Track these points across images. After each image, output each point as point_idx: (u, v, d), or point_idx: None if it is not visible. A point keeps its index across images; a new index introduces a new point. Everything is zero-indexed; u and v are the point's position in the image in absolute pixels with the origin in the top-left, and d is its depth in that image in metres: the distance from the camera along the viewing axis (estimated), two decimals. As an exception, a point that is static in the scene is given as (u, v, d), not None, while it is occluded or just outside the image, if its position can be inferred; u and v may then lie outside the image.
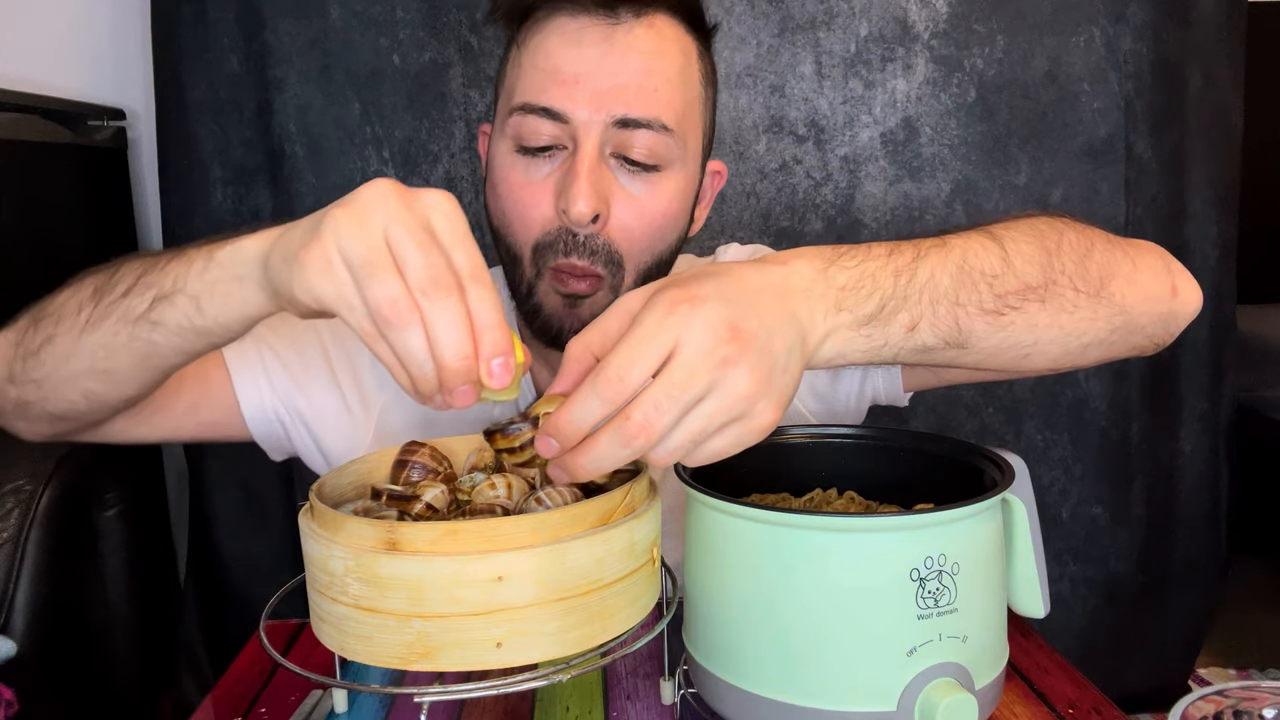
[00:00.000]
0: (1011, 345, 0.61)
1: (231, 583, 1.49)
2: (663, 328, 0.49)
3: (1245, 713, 0.58)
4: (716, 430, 0.50)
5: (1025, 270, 0.60)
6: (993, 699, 0.56)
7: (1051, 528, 1.55)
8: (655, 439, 0.49)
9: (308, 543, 0.54)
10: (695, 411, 0.49)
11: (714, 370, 0.49)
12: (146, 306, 0.61)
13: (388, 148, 1.44)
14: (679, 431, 0.49)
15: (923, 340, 0.57)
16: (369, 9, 1.40)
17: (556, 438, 0.50)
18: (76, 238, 1.38)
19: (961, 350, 0.59)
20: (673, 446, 0.50)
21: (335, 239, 0.50)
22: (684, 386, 0.49)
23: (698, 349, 0.49)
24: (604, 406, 0.49)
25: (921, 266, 0.57)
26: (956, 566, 0.52)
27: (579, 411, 0.49)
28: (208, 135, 1.44)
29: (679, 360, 0.49)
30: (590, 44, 0.75)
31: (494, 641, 0.50)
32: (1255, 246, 1.79)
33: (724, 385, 0.49)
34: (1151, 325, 0.69)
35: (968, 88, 1.44)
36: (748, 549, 0.55)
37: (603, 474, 0.51)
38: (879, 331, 0.56)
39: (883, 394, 0.88)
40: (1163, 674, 1.63)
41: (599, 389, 0.49)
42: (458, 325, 0.48)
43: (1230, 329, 1.58)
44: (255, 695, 0.70)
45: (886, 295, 0.56)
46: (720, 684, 0.56)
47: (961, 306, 0.58)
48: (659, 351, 0.49)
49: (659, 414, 0.48)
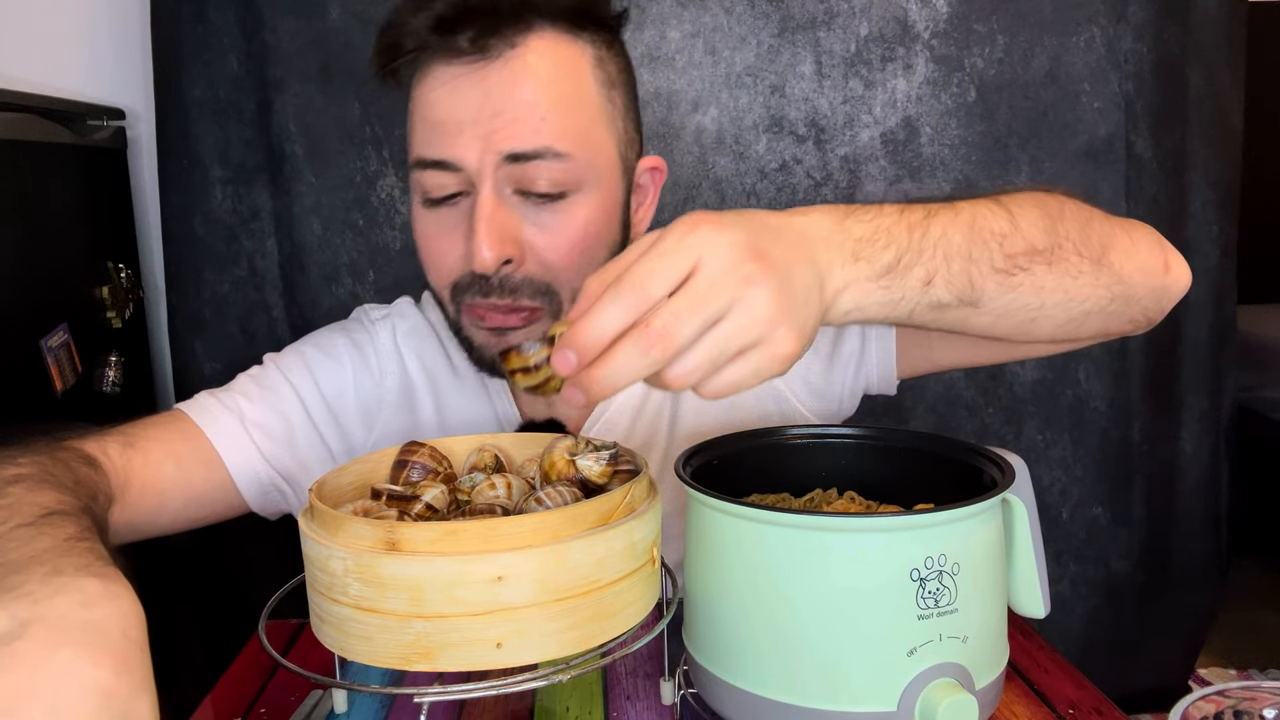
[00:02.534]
0: (1020, 307, 0.62)
1: (231, 583, 1.49)
2: (685, 243, 0.49)
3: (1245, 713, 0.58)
4: (736, 355, 0.49)
5: (1032, 233, 0.61)
6: (993, 699, 0.56)
7: (1052, 528, 1.55)
8: (674, 349, 0.48)
9: (307, 543, 0.54)
10: (715, 331, 0.48)
11: (736, 287, 0.48)
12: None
13: (387, 147, 1.44)
14: (698, 350, 0.48)
15: (938, 296, 0.57)
16: (369, 9, 1.40)
17: (575, 349, 0.49)
18: (76, 237, 1.38)
19: (973, 309, 0.60)
20: (690, 366, 0.49)
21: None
22: (705, 299, 0.48)
23: (720, 264, 0.48)
24: (624, 315, 0.48)
25: (934, 224, 0.58)
26: (957, 567, 0.52)
27: (599, 321, 0.48)
28: (207, 135, 1.44)
29: (702, 274, 0.48)
30: (468, 89, 0.73)
31: (494, 642, 0.50)
32: (1255, 246, 1.79)
33: (745, 304, 0.49)
34: (1147, 298, 0.70)
35: (968, 87, 1.44)
36: (748, 549, 0.54)
37: (623, 387, 0.49)
38: (896, 284, 0.56)
39: (876, 381, 0.88)
40: (1163, 674, 1.63)
41: (620, 297, 0.48)
42: None
43: (1230, 329, 1.58)
44: (255, 695, 0.70)
45: (902, 248, 0.56)
46: (720, 684, 0.56)
47: (974, 263, 0.58)
48: (682, 265, 0.49)
49: (679, 323, 0.48)
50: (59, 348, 1.28)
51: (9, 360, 1.18)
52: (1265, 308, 2.43)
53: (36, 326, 1.24)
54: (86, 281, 1.39)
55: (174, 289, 1.50)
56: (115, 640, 0.41)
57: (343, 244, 1.46)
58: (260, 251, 1.48)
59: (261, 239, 1.48)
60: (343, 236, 1.46)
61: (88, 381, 1.36)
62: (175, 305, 1.50)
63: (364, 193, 1.45)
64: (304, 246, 1.45)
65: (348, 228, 1.46)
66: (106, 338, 1.42)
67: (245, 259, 1.48)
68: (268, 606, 0.62)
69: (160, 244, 1.52)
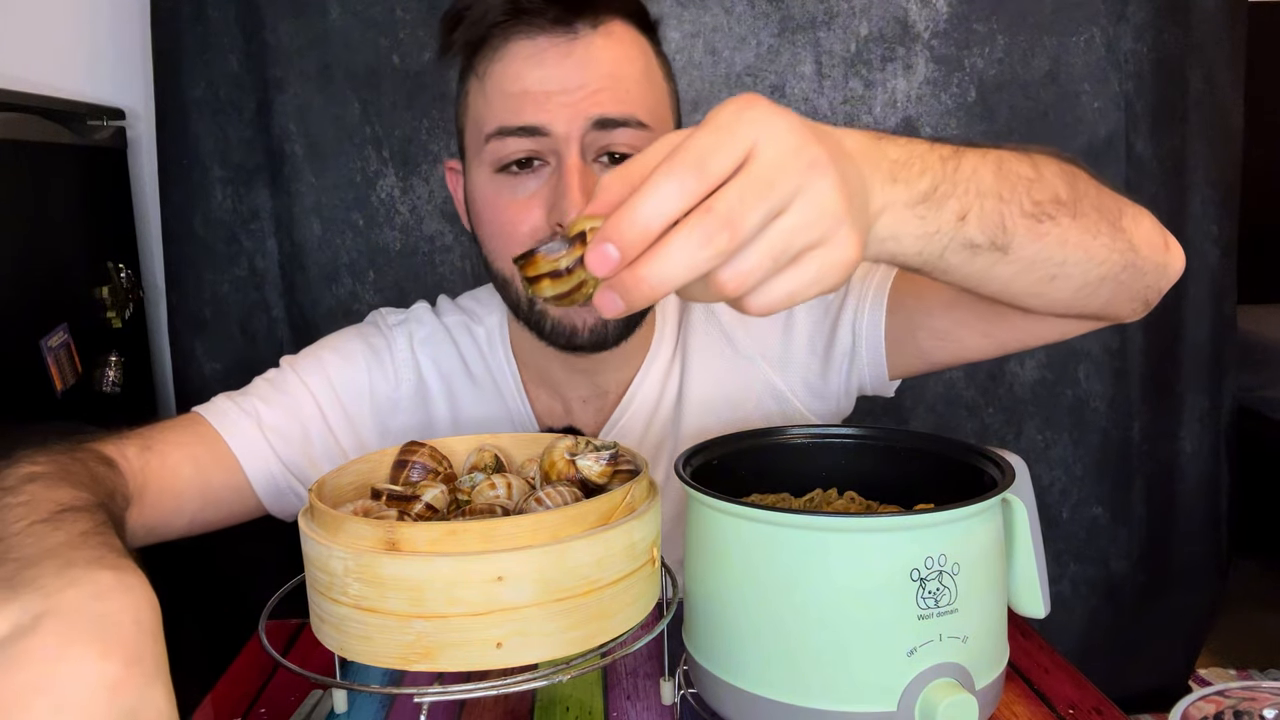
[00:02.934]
0: (1044, 259, 0.60)
1: (231, 583, 1.49)
2: (742, 121, 0.42)
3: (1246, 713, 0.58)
4: (796, 256, 0.43)
5: (1055, 183, 0.60)
6: (993, 699, 0.56)
7: (1052, 528, 1.55)
8: (739, 240, 0.41)
9: (307, 543, 0.54)
10: (778, 224, 0.42)
11: (801, 172, 0.42)
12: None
13: (387, 147, 1.44)
14: (759, 246, 0.42)
15: (971, 235, 0.54)
16: (369, 9, 1.40)
17: (618, 242, 0.41)
18: (76, 237, 1.38)
19: (1002, 256, 0.57)
20: (750, 265, 0.42)
21: None
22: (771, 183, 0.42)
23: (784, 146, 0.42)
24: (681, 198, 0.41)
25: (965, 159, 0.54)
26: (957, 567, 0.52)
27: (649, 204, 0.41)
28: (207, 135, 1.44)
29: (765, 156, 0.42)
30: (553, 62, 0.75)
31: (494, 642, 0.50)
32: (1255, 246, 1.79)
33: (811, 193, 0.43)
34: (1151, 273, 0.69)
35: (968, 87, 1.44)
36: (748, 549, 0.54)
37: (671, 289, 0.42)
38: (932, 215, 0.52)
39: (869, 381, 0.88)
40: (1163, 674, 1.63)
41: (675, 176, 0.41)
42: None
43: (1231, 329, 1.58)
44: (255, 695, 0.70)
45: (938, 177, 0.52)
46: (720, 684, 0.56)
47: (1006, 204, 0.56)
48: (741, 145, 0.42)
49: (745, 208, 0.41)
50: (59, 348, 1.28)
51: (9, 360, 1.18)
52: (1265, 308, 2.43)
53: (36, 326, 1.24)
54: (86, 281, 1.39)
55: (174, 289, 1.50)
56: (127, 631, 0.41)
57: (342, 244, 1.46)
58: (260, 251, 1.48)
59: (261, 239, 1.48)
60: (342, 236, 1.46)
61: (88, 381, 1.36)
62: (175, 305, 1.50)
63: (364, 192, 1.45)
64: (304, 246, 1.46)
65: (347, 227, 1.46)
66: (106, 338, 1.42)
67: (245, 259, 1.48)
68: (268, 606, 0.62)
69: (160, 244, 1.52)
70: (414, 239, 1.47)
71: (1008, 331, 0.79)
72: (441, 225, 1.47)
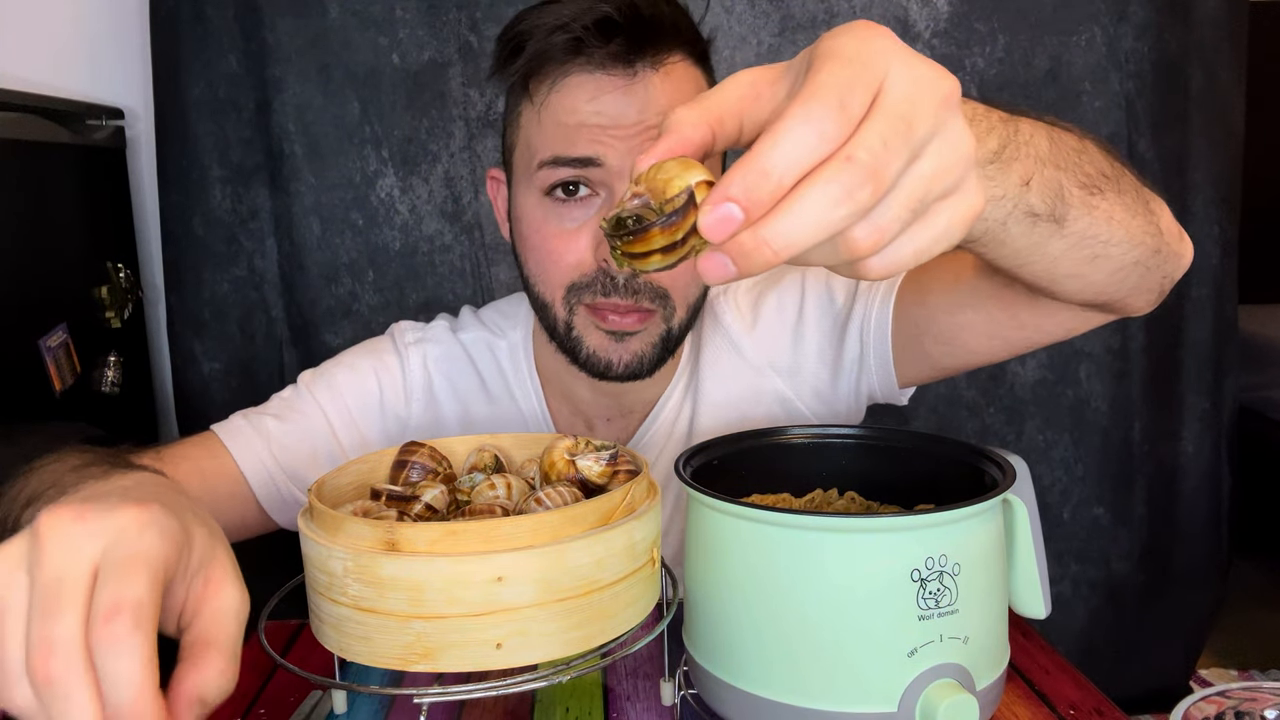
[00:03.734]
0: (1093, 236, 0.58)
1: (231, 583, 1.49)
2: (873, 51, 0.37)
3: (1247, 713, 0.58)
4: (934, 204, 0.38)
5: (1099, 157, 0.59)
6: (994, 700, 0.56)
7: (1053, 528, 1.55)
8: (883, 191, 0.36)
9: (307, 543, 0.54)
10: (915, 169, 0.37)
11: (937, 109, 0.37)
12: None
13: (387, 147, 1.43)
14: (898, 195, 0.37)
15: (1032, 202, 0.51)
16: (368, 8, 1.40)
17: (745, 202, 0.35)
18: (76, 237, 1.38)
19: (1057, 228, 0.55)
20: (888, 219, 0.37)
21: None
22: (911, 122, 0.36)
23: (918, 78, 0.37)
24: (822, 143, 0.35)
25: (1022, 124, 0.51)
26: (957, 567, 0.52)
27: (788, 152, 0.35)
28: (206, 134, 1.44)
29: (898, 91, 0.36)
30: (612, 99, 0.75)
31: (494, 642, 0.50)
32: (1257, 246, 1.79)
33: (947, 133, 0.37)
34: (1170, 261, 0.68)
35: (969, 87, 1.44)
36: (748, 549, 0.54)
37: (800, 250, 0.36)
38: (1000, 177, 0.49)
39: (878, 389, 0.88)
40: (1164, 675, 1.63)
41: (815, 115, 0.35)
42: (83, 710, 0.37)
43: (1232, 329, 1.57)
44: (254, 696, 0.70)
45: (1004, 138, 0.48)
46: (721, 685, 0.56)
47: (1063, 171, 0.54)
48: (875, 79, 0.36)
49: (889, 154, 0.35)
50: (58, 348, 1.28)
51: (8, 360, 1.17)
52: (1266, 308, 2.43)
53: (36, 326, 1.24)
54: (86, 281, 1.39)
55: (173, 289, 1.50)
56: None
57: (342, 244, 1.46)
58: (259, 251, 1.48)
59: (261, 239, 1.48)
60: (342, 236, 1.46)
61: (87, 381, 1.36)
62: (174, 305, 1.50)
63: (363, 192, 1.45)
64: (303, 246, 1.45)
65: (347, 227, 1.46)
66: (106, 338, 1.42)
67: (244, 259, 1.48)
68: (267, 607, 0.62)
69: (159, 244, 1.52)
70: (413, 239, 1.47)
71: (1014, 331, 0.78)
72: (441, 225, 1.47)
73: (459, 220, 1.47)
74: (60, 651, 0.37)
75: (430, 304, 1.47)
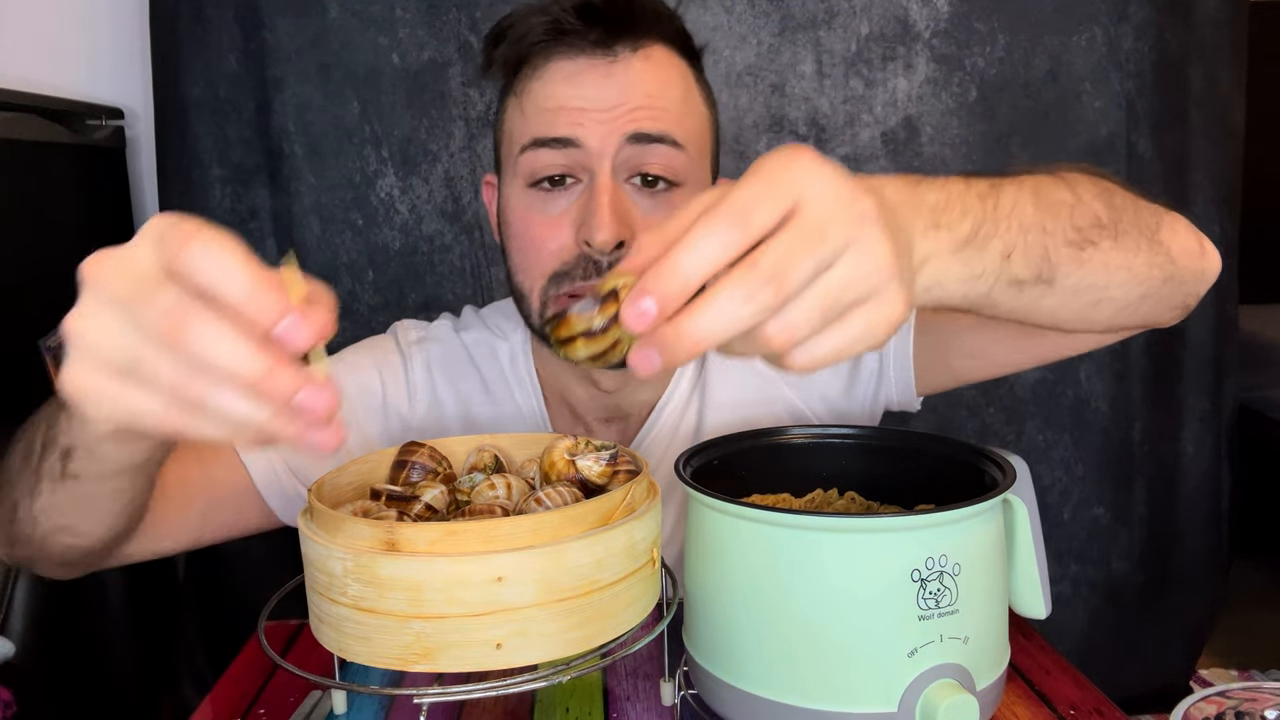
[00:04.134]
0: (1089, 286, 0.59)
1: (231, 583, 1.49)
2: (788, 173, 0.41)
3: (1247, 714, 0.58)
4: (846, 311, 0.42)
5: (1094, 205, 0.59)
6: (994, 700, 0.56)
7: (1053, 528, 1.55)
8: (785, 295, 0.40)
9: (307, 543, 0.54)
10: (828, 277, 0.41)
11: (852, 224, 0.41)
12: (62, 466, 0.59)
13: (386, 147, 1.43)
14: (808, 299, 0.40)
15: (1016, 271, 0.53)
16: (368, 8, 1.40)
17: (657, 296, 0.39)
18: (75, 237, 1.38)
19: (1048, 288, 0.56)
20: (799, 319, 0.41)
21: (87, 352, 0.42)
22: (820, 235, 0.40)
23: (834, 197, 0.41)
24: (724, 249, 0.40)
25: (1003, 194, 0.54)
26: (957, 567, 0.52)
27: (691, 256, 0.39)
28: (206, 134, 1.44)
29: (813, 207, 0.40)
30: (592, 81, 0.76)
31: (494, 642, 0.50)
32: (1257, 246, 1.78)
33: (862, 246, 0.41)
34: (1190, 281, 0.68)
35: (969, 87, 1.44)
36: (748, 549, 0.54)
37: (714, 344, 0.40)
38: (976, 258, 0.51)
39: (895, 399, 0.88)
40: (1164, 675, 1.63)
41: (718, 228, 0.40)
42: (225, 341, 0.38)
43: (1232, 329, 1.57)
44: (254, 696, 0.70)
45: (979, 218, 0.51)
46: (720, 685, 0.56)
47: (1049, 235, 0.55)
48: (786, 197, 0.40)
49: (792, 262, 0.40)
50: (59, 348, 1.27)
51: (9, 360, 1.17)
52: (1266, 308, 2.43)
53: (36, 326, 1.23)
54: (86, 281, 1.38)
55: (173, 289, 1.50)
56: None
57: (342, 243, 1.46)
58: (259, 251, 1.45)
59: (261, 238, 1.47)
60: (342, 236, 1.46)
61: (87, 381, 1.36)
62: (175, 305, 1.50)
63: (363, 192, 1.45)
64: (303, 246, 1.45)
65: (347, 227, 1.45)
66: (106, 337, 1.41)
67: (245, 259, 1.48)
68: (267, 607, 0.62)
69: (160, 244, 1.52)
70: (413, 239, 1.47)
71: (1044, 346, 0.78)
72: (441, 225, 1.47)
73: (459, 220, 1.46)
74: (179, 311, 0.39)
75: (430, 304, 1.47)
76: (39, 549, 0.68)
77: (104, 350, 0.41)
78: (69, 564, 0.71)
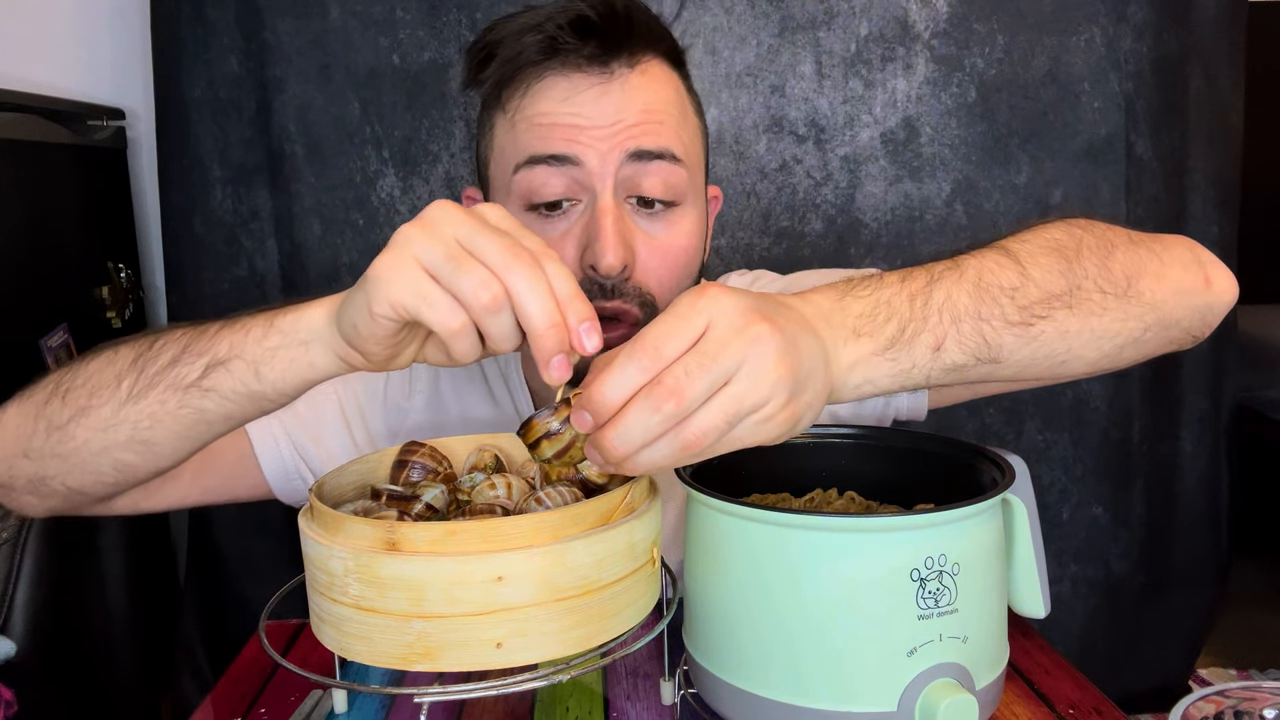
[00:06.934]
0: (1046, 355, 0.60)
1: (231, 583, 1.49)
2: (697, 307, 0.50)
3: (1246, 713, 0.58)
4: (749, 414, 0.50)
5: (1045, 279, 0.60)
6: (993, 699, 0.56)
7: (1052, 528, 1.55)
8: (685, 405, 0.48)
9: (307, 543, 0.54)
10: (727, 390, 0.49)
11: (745, 346, 0.49)
12: (199, 374, 0.61)
13: (387, 147, 1.44)
14: (712, 409, 0.49)
15: (952, 359, 0.57)
16: (369, 9, 1.40)
17: (590, 409, 0.50)
18: (76, 237, 1.38)
19: (995, 365, 0.59)
20: (707, 425, 0.49)
21: (410, 249, 0.52)
22: (715, 356, 0.49)
23: (730, 324, 0.49)
24: (638, 375, 0.49)
25: (937, 289, 0.57)
26: (957, 567, 0.52)
27: (613, 380, 0.49)
28: (207, 135, 1.44)
29: (711, 334, 0.49)
30: (588, 99, 0.74)
31: (494, 642, 0.50)
32: (1256, 247, 1.78)
33: (753, 364, 0.49)
34: (1187, 319, 0.68)
35: (968, 87, 1.44)
36: (748, 549, 0.54)
37: (636, 448, 0.49)
38: (904, 355, 0.56)
39: (905, 410, 0.88)
40: (1163, 674, 1.63)
41: (634, 358, 0.49)
42: (545, 294, 0.50)
43: (1231, 329, 1.57)
44: (255, 696, 0.70)
45: (905, 319, 0.56)
46: (720, 684, 0.56)
47: (985, 321, 0.57)
48: (694, 327, 0.49)
49: (689, 379, 0.48)
50: (59, 348, 1.28)
51: (9, 360, 1.18)
52: (1265, 308, 2.42)
53: (36, 326, 1.24)
54: (86, 281, 1.39)
55: (174, 289, 1.50)
56: None
57: (342, 244, 1.46)
58: (260, 251, 1.48)
59: (261, 239, 1.47)
60: (342, 236, 1.46)
61: (87, 381, 1.36)
62: (175, 305, 1.50)
63: (364, 193, 1.45)
64: (304, 246, 1.45)
65: (348, 227, 1.46)
66: (106, 337, 1.41)
67: (245, 259, 1.48)
68: (268, 606, 0.62)
69: (160, 244, 1.52)
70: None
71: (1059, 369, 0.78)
72: (441, 225, 1.47)
73: (459, 220, 1.46)
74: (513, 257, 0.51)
75: (430, 304, 1.47)
76: (69, 465, 0.67)
77: (421, 251, 0.51)
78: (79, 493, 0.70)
